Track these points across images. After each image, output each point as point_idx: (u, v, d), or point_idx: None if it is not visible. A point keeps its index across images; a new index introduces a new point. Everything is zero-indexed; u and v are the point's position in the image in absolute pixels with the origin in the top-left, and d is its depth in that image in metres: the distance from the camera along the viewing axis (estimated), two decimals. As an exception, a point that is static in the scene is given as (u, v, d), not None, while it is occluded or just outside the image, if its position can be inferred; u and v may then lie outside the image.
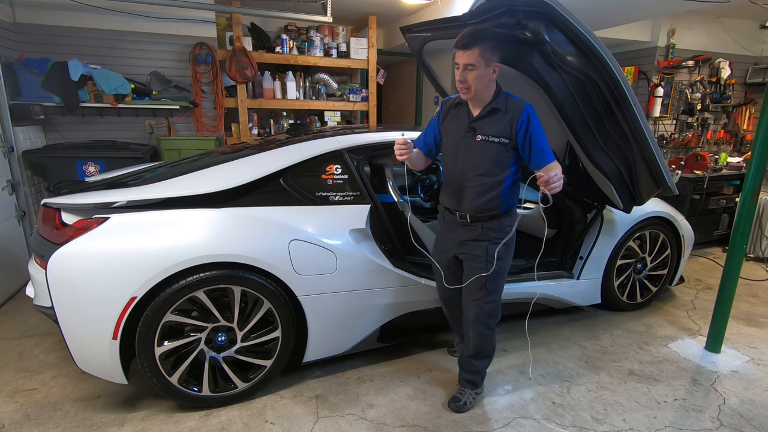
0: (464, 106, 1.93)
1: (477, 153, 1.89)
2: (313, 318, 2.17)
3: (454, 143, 1.95)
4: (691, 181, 4.58)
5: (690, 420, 2.11)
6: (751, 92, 5.81)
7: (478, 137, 1.87)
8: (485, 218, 1.96)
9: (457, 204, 1.99)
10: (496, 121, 1.86)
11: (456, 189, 1.98)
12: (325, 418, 2.07)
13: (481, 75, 1.78)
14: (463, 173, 1.93)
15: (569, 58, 2.07)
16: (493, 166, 1.88)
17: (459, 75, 1.79)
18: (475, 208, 1.95)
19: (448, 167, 2.00)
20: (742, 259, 2.59)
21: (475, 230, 1.98)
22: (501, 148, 1.86)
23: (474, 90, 1.81)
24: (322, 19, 4.56)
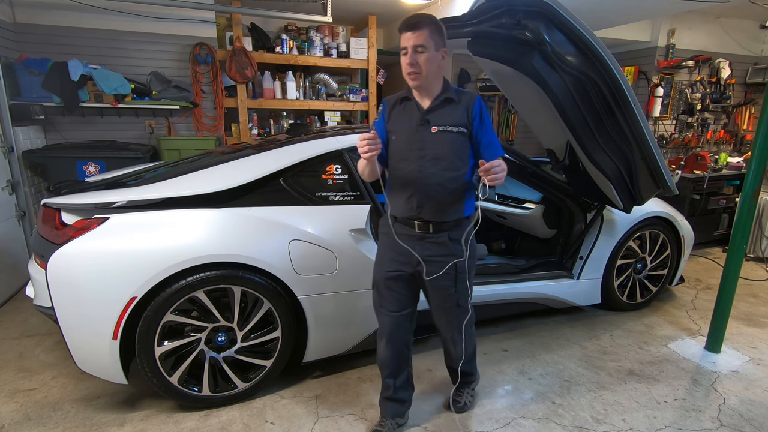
0: (411, 101, 1.73)
1: (436, 146, 1.68)
2: (313, 318, 2.17)
3: (405, 139, 1.71)
4: (691, 181, 4.58)
5: (690, 420, 2.11)
6: (751, 92, 5.81)
7: (434, 128, 1.68)
8: (449, 226, 1.74)
9: (417, 210, 1.72)
10: (450, 110, 1.70)
11: (413, 193, 1.71)
12: (325, 418, 2.07)
13: (432, 58, 1.63)
14: (422, 170, 1.69)
15: (569, 58, 2.07)
16: (456, 158, 1.70)
17: (408, 58, 1.61)
18: (439, 212, 1.72)
19: (401, 168, 1.73)
20: (742, 259, 2.59)
21: (439, 243, 1.74)
22: (461, 138, 1.69)
23: (425, 73, 1.63)
24: (322, 19, 4.56)
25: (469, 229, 1.77)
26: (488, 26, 2.09)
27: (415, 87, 1.69)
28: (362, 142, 1.56)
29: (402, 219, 1.77)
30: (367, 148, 1.57)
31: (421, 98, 1.72)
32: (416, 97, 1.73)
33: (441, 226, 1.73)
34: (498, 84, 2.64)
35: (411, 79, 1.65)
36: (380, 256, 1.87)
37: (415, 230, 1.75)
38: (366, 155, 1.58)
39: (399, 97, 1.78)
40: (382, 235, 1.87)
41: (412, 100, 1.73)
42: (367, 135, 1.56)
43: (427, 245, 1.75)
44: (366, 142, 1.56)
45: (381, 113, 1.80)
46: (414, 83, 1.67)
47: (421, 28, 1.60)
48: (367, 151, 1.57)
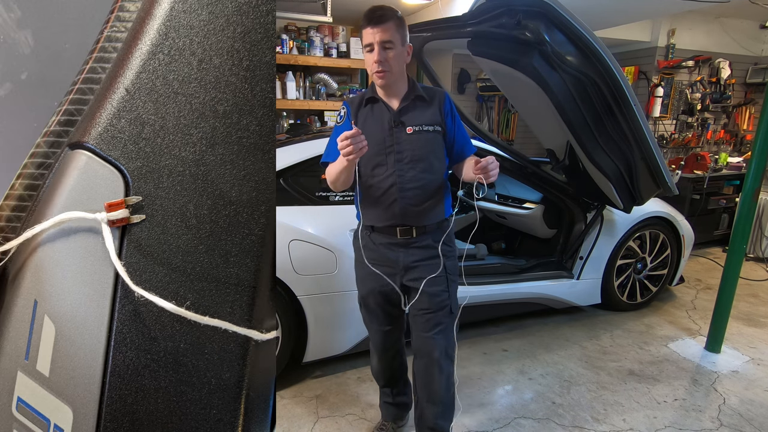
0: (378, 102, 1.60)
1: (413, 147, 1.57)
2: (312, 318, 2.18)
3: (378, 143, 1.56)
4: (691, 181, 4.58)
5: (690, 420, 2.11)
6: (751, 92, 5.81)
7: (409, 129, 1.56)
8: (432, 228, 1.64)
9: (399, 217, 1.60)
10: (422, 109, 1.60)
11: (394, 199, 1.59)
12: (325, 418, 2.07)
13: (400, 54, 1.52)
14: (401, 174, 1.57)
15: (569, 58, 2.07)
16: (434, 159, 1.60)
17: (377, 56, 1.48)
18: (421, 216, 1.61)
19: (378, 174, 1.59)
20: (742, 259, 2.59)
21: (424, 246, 1.63)
22: (437, 137, 1.60)
23: (395, 71, 1.52)
24: (322, 19, 4.56)
25: (451, 229, 1.69)
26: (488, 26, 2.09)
27: (383, 86, 1.57)
28: (343, 141, 1.33)
29: (381, 228, 1.63)
30: (350, 148, 1.34)
31: (389, 98, 1.60)
32: (383, 96, 1.60)
33: (424, 229, 1.63)
34: (498, 84, 2.65)
35: (379, 77, 1.52)
36: (362, 273, 1.72)
37: (397, 237, 1.62)
38: (349, 156, 1.35)
39: (363, 98, 1.64)
40: (359, 250, 1.71)
41: (380, 101, 1.59)
42: (349, 132, 1.33)
43: (412, 251, 1.63)
44: (349, 141, 1.33)
45: (345, 117, 1.63)
46: (382, 82, 1.54)
47: (386, 21, 1.47)
48: (350, 152, 1.34)
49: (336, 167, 1.51)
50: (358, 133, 1.34)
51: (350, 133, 1.33)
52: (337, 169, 1.51)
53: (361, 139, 1.35)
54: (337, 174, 1.52)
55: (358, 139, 1.34)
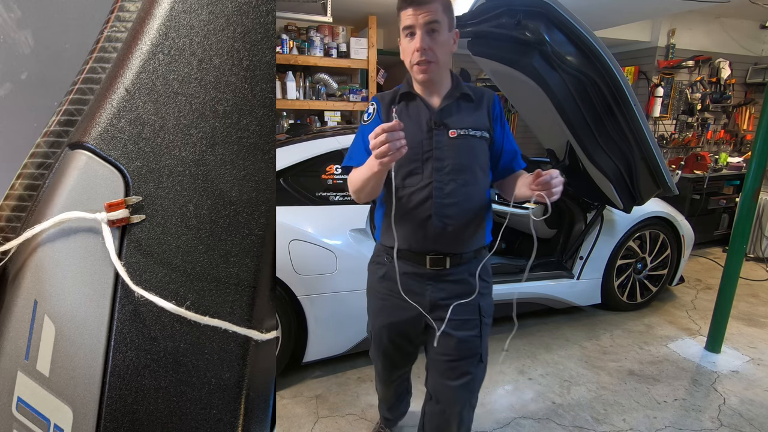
0: (415, 98, 1.33)
1: (456, 154, 1.29)
2: (313, 318, 2.18)
3: (414, 147, 1.26)
4: (691, 181, 4.58)
5: (690, 420, 2.11)
6: (751, 92, 5.81)
7: (452, 132, 1.29)
8: (469, 257, 1.36)
9: (432, 241, 1.31)
10: (469, 110, 1.34)
11: (427, 217, 1.30)
12: (325, 418, 2.07)
13: (446, 41, 1.25)
14: (439, 187, 1.29)
15: (569, 58, 2.07)
16: (479, 170, 1.34)
17: (419, 42, 1.20)
18: (459, 241, 1.33)
19: (410, 185, 1.30)
20: (742, 259, 2.59)
21: (458, 280, 1.35)
22: (483, 144, 1.34)
23: (441, 62, 1.25)
24: (322, 19, 4.56)
25: (488, 259, 1.42)
26: (488, 26, 2.09)
27: (425, 81, 1.28)
28: (378, 137, 1.02)
29: (407, 253, 1.32)
30: (385, 147, 1.02)
31: (429, 95, 1.33)
32: (421, 93, 1.33)
33: (460, 258, 1.34)
34: (498, 84, 2.65)
35: (420, 70, 1.25)
36: (377, 305, 1.46)
37: (426, 267, 1.33)
38: (384, 159, 1.04)
39: (397, 93, 1.37)
40: (376, 277, 1.44)
41: (417, 98, 1.33)
42: (387, 124, 1.02)
43: (443, 285, 1.34)
44: (384, 136, 1.02)
45: (374, 113, 1.37)
46: (424, 76, 1.25)
47: (433, 1, 1.20)
48: (386, 152, 1.03)
49: (363, 173, 1.20)
50: (399, 127, 1.02)
51: (389, 126, 1.01)
52: (364, 174, 1.20)
53: (400, 136, 1.03)
54: (364, 181, 1.20)
55: (396, 134, 1.02)
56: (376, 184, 1.21)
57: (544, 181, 1.16)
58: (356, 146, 1.37)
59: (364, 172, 1.20)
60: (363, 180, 1.21)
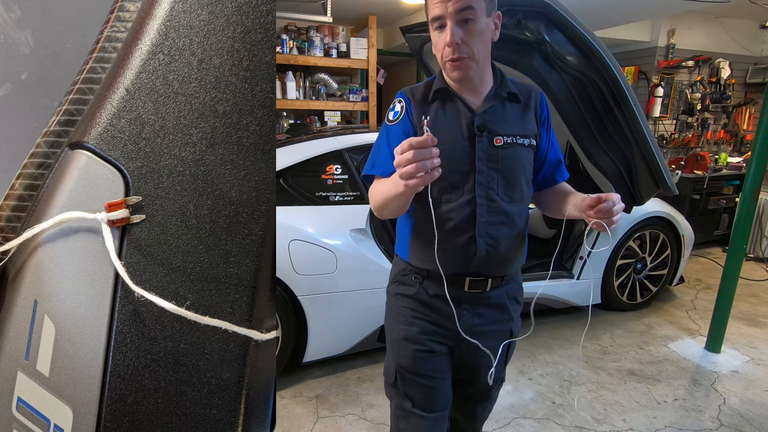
0: (452, 97, 1.12)
1: (503, 166, 1.10)
2: (312, 318, 2.18)
3: (453, 156, 1.08)
4: (691, 181, 4.58)
5: (690, 420, 2.11)
6: (751, 92, 5.81)
7: (498, 140, 1.10)
8: (509, 278, 1.21)
9: (472, 263, 1.13)
10: (516, 113, 1.14)
11: (467, 238, 1.11)
12: (325, 418, 2.07)
13: (485, 30, 1.04)
14: (483, 203, 1.10)
15: (569, 58, 2.07)
16: (526, 185, 1.16)
17: (450, 35, 1.00)
18: (504, 262, 1.16)
19: (446, 200, 1.11)
20: (742, 259, 2.59)
21: (496, 304, 1.20)
22: (531, 155, 1.16)
23: (479, 58, 1.05)
24: (322, 19, 4.56)
25: (519, 278, 1.28)
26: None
27: (460, 80, 1.08)
28: (405, 155, 0.83)
29: (439, 275, 1.09)
30: (413, 168, 0.82)
31: (469, 92, 1.12)
32: (459, 91, 1.12)
33: (501, 281, 1.18)
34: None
35: (454, 67, 1.04)
36: (402, 332, 1.20)
37: (464, 289, 1.15)
38: (410, 181, 0.84)
39: (429, 89, 1.14)
40: (400, 298, 1.22)
41: (455, 96, 1.12)
42: (417, 139, 0.82)
43: (480, 310, 1.18)
44: (412, 153, 0.82)
45: (402, 113, 1.13)
46: (458, 74, 1.05)
47: None
48: (413, 173, 0.83)
49: (387, 189, 0.99)
50: (432, 143, 0.82)
51: (418, 141, 0.81)
52: (388, 191, 0.99)
53: (432, 154, 0.83)
54: (388, 199, 1.00)
55: (427, 152, 0.82)
56: (402, 204, 1.02)
57: (606, 208, 0.98)
58: (380, 151, 1.13)
59: (389, 188, 0.98)
60: (387, 198, 1.00)
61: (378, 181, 1.09)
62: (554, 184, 1.24)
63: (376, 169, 1.12)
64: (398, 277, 1.24)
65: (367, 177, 1.17)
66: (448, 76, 1.10)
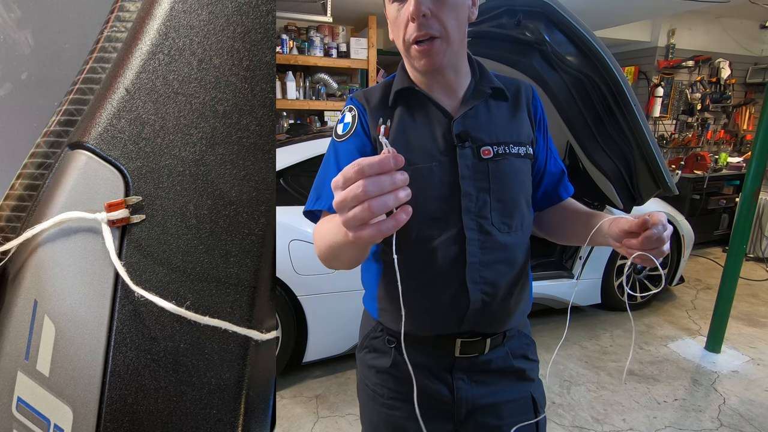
0: (420, 97, 0.85)
1: (497, 187, 0.83)
2: (313, 318, 2.18)
3: (426, 177, 0.81)
4: (691, 181, 4.58)
5: (690, 420, 2.11)
6: (751, 92, 5.81)
7: (486, 151, 0.82)
8: (514, 332, 0.93)
9: (464, 319, 0.85)
10: (504, 113, 0.87)
11: (456, 287, 0.84)
12: (325, 418, 2.07)
13: (460, 2, 0.77)
14: (475, 239, 0.82)
15: (569, 58, 2.07)
16: (526, 207, 0.89)
17: (415, 3, 0.72)
18: (504, 313, 0.88)
19: (424, 239, 0.83)
20: (742, 259, 2.59)
21: (501, 368, 0.91)
22: (528, 166, 0.89)
23: (451, 37, 0.77)
24: (322, 19, 4.57)
25: (527, 328, 1.00)
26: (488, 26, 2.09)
27: (430, 70, 0.80)
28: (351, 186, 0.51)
29: (422, 338, 0.86)
30: (365, 211, 0.50)
31: (441, 91, 0.85)
32: (427, 88, 0.85)
33: (503, 336, 0.91)
34: (498, 84, 2.65)
35: (422, 53, 0.77)
36: (380, 415, 0.93)
37: (455, 354, 0.87)
38: (364, 233, 0.52)
39: (387, 90, 0.87)
40: (373, 372, 0.93)
41: (424, 96, 0.84)
42: (367, 162, 0.50)
43: (481, 378, 0.90)
44: (362, 185, 0.49)
45: (353, 125, 0.85)
46: (427, 62, 0.78)
47: None
48: (367, 216, 0.50)
49: (332, 233, 0.69)
50: (395, 164, 0.51)
51: (372, 162, 0.50)
52: (333, 238, 0.69)
53: (396, 183, 0.51)
54: (334, 249, 0.72)
55: (386, 181, 0.50)
56: (357, 256, 0.75)
57: (655, 236, 0.68)
58: (326, 178, 0.83)
59: (335, 233, 0.67)
60: (333, 246, 0.71)
61: (325, 220, 0.79)
62: (558, 202, 0.98)
63: (322, 203, 0.82)
64: (367, 341, 0.96)
65: (310, 214, 0.86)
66: (413, 66, 0.83)
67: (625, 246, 0.73)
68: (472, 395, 0.89)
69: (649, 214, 0.71)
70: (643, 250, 0.71)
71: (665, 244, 0.70)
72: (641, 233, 0.70)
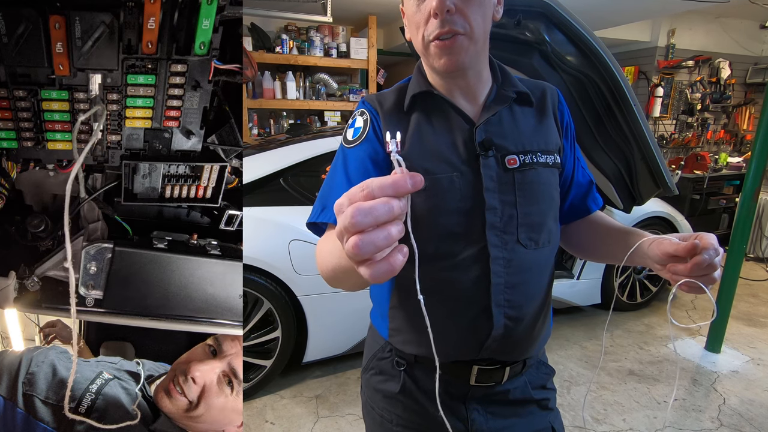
0: (439, 102, 0.79)
1: (521, 199, 0.76)
2: (313, 318, 2.18)
3: (446, 189, 0.74)
4: (691, 181, 4.58)
5: (690, 420, 2.11)
6: (751, 92, 5.81)
7: (511, 161, 0.76)
8: (533, 361, 0.89)
9: (484, 346, 0.78)
10: (530, 120, 0.81)
11: (478, 309, 0.76)
12: (325, 418, 2.07)
13: (485, 2, 0.72)
14: (500, 257, 0.75)
15: (569, 58, 2.07)
16: (554, 222, 0.82)
17: (437, 2, 0.66)
18: (526, 340, 0.81)
19: (442, 257, 0.76)
20: (742, 259, 2.59)
21: (520, 400, 0.86)
22: (556, 177, 0.82)
23: (476, 36, 0.71)
24: (322, 19, 4.56)
25: (545, 356, 0.96)
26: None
27: (452, 69, 0.73)
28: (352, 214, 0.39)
29: (431, 361, 0.71)
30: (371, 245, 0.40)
31: (461, 94, 0.79)
32: (446, 93, 0.78)
33: (522, 365, 0.85)
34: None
35: (444, 50, 0.70)
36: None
37: (470, 382, 0.81)
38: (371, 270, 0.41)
39: (401, 94, 0.81)
40: (380, 397, 0.89)
41: (443, 100, 0.78)
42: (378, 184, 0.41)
43: (496, 410, 0.84)
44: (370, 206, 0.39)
45: (365, 130, 0.78)
46: (450, 60, 0.71)
47: None
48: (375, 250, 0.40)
49: (338, 258, 0.62)
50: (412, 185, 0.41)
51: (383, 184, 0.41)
52: (338, 260, 0.62)
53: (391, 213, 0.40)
54: (338, 271, 0.64)
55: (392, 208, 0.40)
56: (363, 282, 0.64)
57: (707, 262, 0.61)
58: (334, 187, 0.78)
59: (338, 258, 0.61)
60: (337, 268, 0.64)
61: (329, 235, 0.73)
62: (586, 215, 0.90)
63: (327, 214, 0.76)
64: (374, 362, 0.90)
65: (313, 226, 0.82)
66: (432, 67, 0.76)
67: (669, 271, 0.65)
68: (488, 428, 0.82)
69: (698, 237, 0.63)
70: (691, 277, 0.63)
71: (717, 270, 0.62)
72: (689, 257, 0.62)
